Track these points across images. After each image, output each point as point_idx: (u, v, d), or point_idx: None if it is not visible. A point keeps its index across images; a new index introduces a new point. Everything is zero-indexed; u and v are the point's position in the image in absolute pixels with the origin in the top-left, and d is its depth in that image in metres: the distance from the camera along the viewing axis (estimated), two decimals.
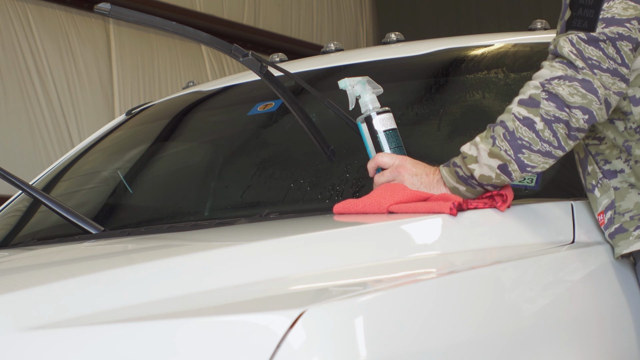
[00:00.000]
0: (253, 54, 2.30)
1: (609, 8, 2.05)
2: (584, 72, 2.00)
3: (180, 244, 2.06)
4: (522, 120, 2.02)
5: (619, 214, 2.17)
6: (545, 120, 2.01)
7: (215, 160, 2.85)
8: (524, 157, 2.04)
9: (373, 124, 2.26)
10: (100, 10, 2.19)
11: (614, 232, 2.17)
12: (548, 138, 2.02)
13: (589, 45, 2.02)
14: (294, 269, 1.70)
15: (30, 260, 2.15)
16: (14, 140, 7.20)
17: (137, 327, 1.45)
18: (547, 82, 2.02)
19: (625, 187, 2.17)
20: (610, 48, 2.03)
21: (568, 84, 2.01)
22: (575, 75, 2.01)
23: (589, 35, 2.03)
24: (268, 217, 2.31)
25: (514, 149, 2.03)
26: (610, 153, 2.18)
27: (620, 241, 2.16)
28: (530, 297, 1.89)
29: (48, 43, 7.55)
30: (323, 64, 2.97)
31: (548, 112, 2.01)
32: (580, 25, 2.05)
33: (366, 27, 11.17)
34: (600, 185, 2.19)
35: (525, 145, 2.03)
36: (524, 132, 2.03)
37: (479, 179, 2.08)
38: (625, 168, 2.17)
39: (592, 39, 2.03)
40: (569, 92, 2.00)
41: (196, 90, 3.20)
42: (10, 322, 1.50)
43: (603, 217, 2.19)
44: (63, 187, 3.03)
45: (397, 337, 1.51)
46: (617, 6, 2.05)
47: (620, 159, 2.17)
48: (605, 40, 2.03)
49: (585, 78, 2.00)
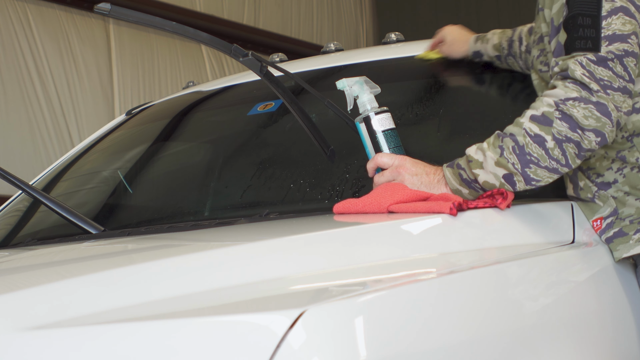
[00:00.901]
0: (253, 54, 2.30)
1: (609, 25, 2.05)
2: (599, 95, 2.00)
3: (181, 244, 2.06)
4: (533, 137, 2.03)
5: (620, 219, 2.17)
6: (556, 139, 2.02)
7: (215, 160, 2.85)
8: (530, 171, 2.04)
9: (371, 124, 2.26)
10: (100, 10, 2.19)
11: (611, 237, 2.17)
12: (557, 156, 2.03)
13: (599, 66, 2.03)
14: (294, 269, 1.70)
15: (30, 260, 2.15)
16: (14, 140, 7.20)
17: (137, 327, 1.45)
18: (561, 102, 2.02)
19: (622, 195, 2.18)
20: (619, 66, 2.03)
21: (583, 106, 2.01)
22: (590, 98, 2.00)
23: (598, 56, 2.03)
24: (268, 217, 2.30)
25: (522, 164, 2.04)
26: (601, 165, 2.19)
27: (619, 245, 2.16)
28: (531, 296, 1.89)
29: (48, 43, 7.55)
30: (323, 64, 2.97)
31: (560, 132, 2.02)
32: (584, 46, 2.05)
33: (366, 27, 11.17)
34: (598, 196, 2.20)
35: (533, 161, 2.04)
36: (534, 148, 2.03)
37: (482, 184, 2.08)
38: (618, 178, 2.17)
39: (601, 59, 2.03)
40: (584, 114, 2.00)
41: (196, 90, 3.20)
42: (10, 322, 1.50)
43: (600, 222, 2.19)
44: (63, 187, 3.03)
45: (397, 337, 1.51)
46: (616, 22, 2.05)
47: (612, 170, 2.18)
48: (613, 59, 2.03)
49: (599, 101, 2.00)
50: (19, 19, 7.41)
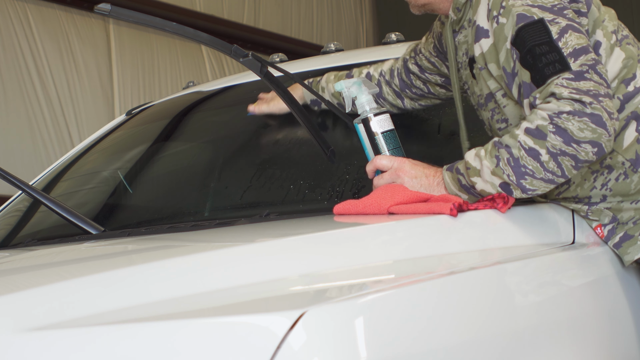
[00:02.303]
0: (253, 55, 2.30)
1: (565, 43, 2.03)
2: (593, 106, 1.97)
3: (181, 244, 2.06)
4: (528, 150, 2.01)
5: (623, 224, 2.17)
6: (551, 153, 2.00)
7: (215, 161, 2.85)
8: (526, 182, 2.03)
9: (370, 126, 2.25)
10: (100, 11, 2.19)
11: (619, 242, 2.17)
12: (552, 169, 2.01)
13: (580, 81, 2.00)
14: (294, 269, 1.70)
15: (30, 260, 2.15)
16: (14, 140, 7.20)
17: (137, 328, 1.45)
18: (555, 116, 1.99)
19: (615, 204, 2.17)
20: (595, 75, 2.01)
21: (578, 119, 1.98)
22: (584, 110, 1.98)
23: (574, 72, 2.00)
24: (268, 217, 2.30)
25: (517, 176, 2.03)
26: (582, 189, 2.18)
27: (628, 248, 2.15)
28: (531, 297, 1.89)
29: (48, 43, 7.55)
30: (323, 64, 2.97)
31: (554, 145, 2.00)
32: (555, 69, 2.02)
33: (366, 27, 11.17)
34: (591, 212, 2.20)
35: (528, 173, 2.02)
36: (529, 161, 2.02)
37: (480, 192, 2.08)
38: (606, 193, 2.16)
39: (578, 73, 2.00)
40: (579, 127, 1.98)
41: (196, 90, 3.20)
42: (10, 322, 1.50)
43: (601, 230, 2.19)
44: (63, 187, 3.03)
45: (397, 338, 1.51)
46: (571, 38, 2.04)
47: (596, 189, 2.17)
48: (588, 70, 2.01)
49: (594, 112, 1.98)
50: (19, 19, 7.40)
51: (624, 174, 2.15)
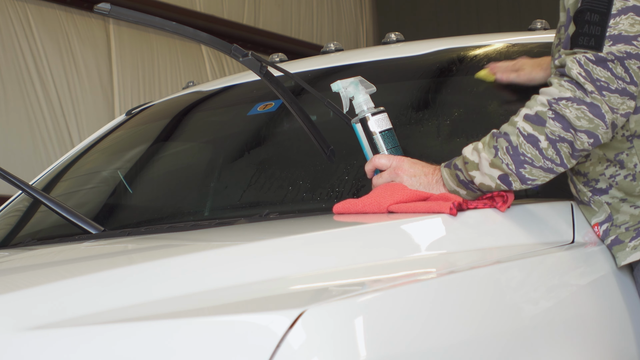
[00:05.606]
0: (253, 54, 2.30)
1: (616, 24, 2.01)
2: (593, 96, 1.97)
3: (180, 244, 2.06)
4: (527, 137, 2.01)
5: (616, 226, 2.17)
6: (550, 139, 2.00)
7: (215, 160, 2.85)
8: (525, 171, 2.03)
9: (368, 125, 2.25)
10: (100, 10, 2.19)
11: (610, 244, 2.17)
12: (551, 156, 2.01)
13: (597, 66, 1.99)
14: (294, 269, 1.70)
15: (30, 260, 2.15)
16: (14, 140, 7.21)
17: (136, 327, 1.45)
18: (554, 102, 1.99)
19: (616, 202, 2.17)
20: (619, 67, 2.00)
21: (576, 107, 1.98)
22: (584, 98, 1.98)
23: (597, 55, 2.00)
24: (268, 217, 2.31)
25: (516, 164, 2.03)
26: (594, 171, 2.17)
27: (617, 253, 2.16)
28: (530, 297, 1.89)
29: (48, 43, 7.55)
30: (323, 64, 2.97)
31: (553, 132, 2.00)
32: (587, 43, 2.01)
33: (366, 27, 11.17)
34: (593, 201, 2.19)
35: (527, 161, 2.02)
36: (528, 148, 2.02)
37: (479, 186, 2.08)
38: (612, 184, 2.16)
39: (601, 59, 1.99)
40: (576, 115, 1.98)
41: (196, 90, 3.20)
42: (10, 322, 1.50)
43: (598, 229, 2.19)
44: (63, 187, 3.03)
45: (397, 337, 1.51)
46: (624, 22, 2.01)
47: (605, 176, 2.16)
48: (614, 60, 1.99)
49: (593, 102, 1.98)
50: (19, 19, 7.41)
51: (632, 175, 2.15)
